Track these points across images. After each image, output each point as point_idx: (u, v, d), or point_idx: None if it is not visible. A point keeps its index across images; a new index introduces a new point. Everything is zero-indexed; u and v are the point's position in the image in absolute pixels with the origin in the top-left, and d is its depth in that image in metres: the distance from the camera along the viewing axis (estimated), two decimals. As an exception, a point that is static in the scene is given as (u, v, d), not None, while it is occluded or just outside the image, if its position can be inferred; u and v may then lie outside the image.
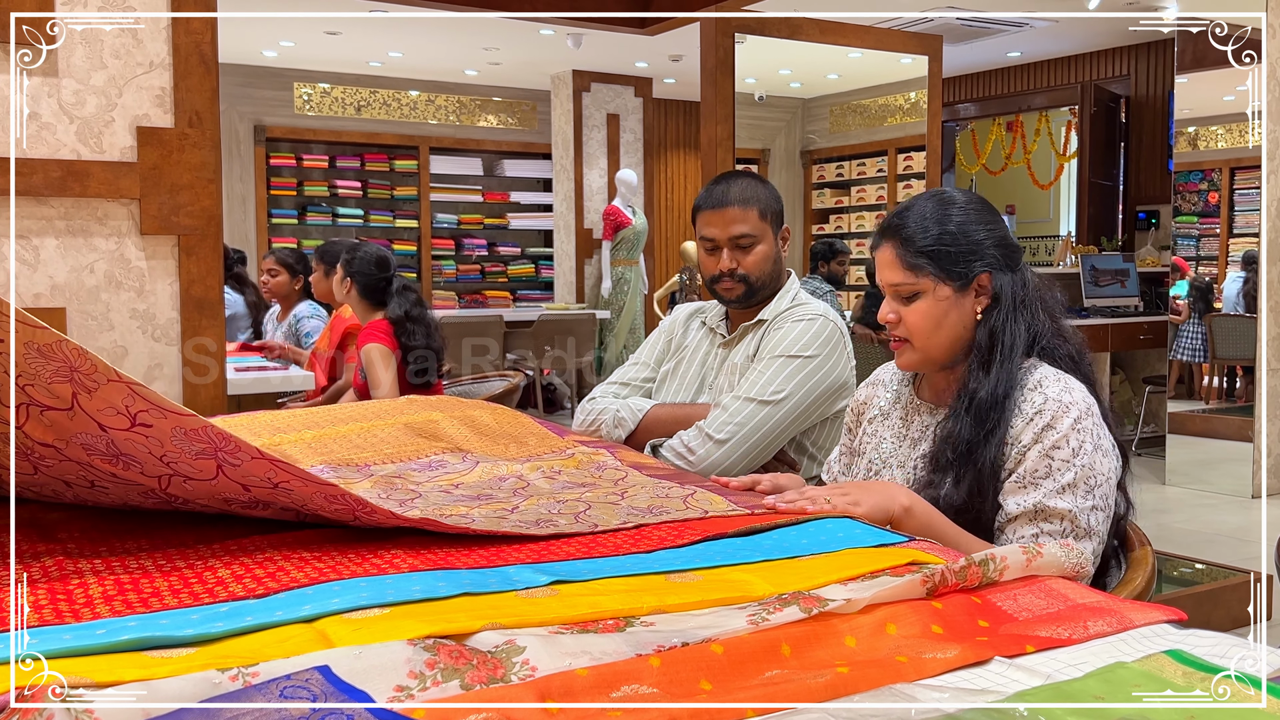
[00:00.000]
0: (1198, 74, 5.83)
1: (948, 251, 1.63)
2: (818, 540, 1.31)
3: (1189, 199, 7.06)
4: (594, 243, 9.29)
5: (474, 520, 1.38)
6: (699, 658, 0.93)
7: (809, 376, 2.14)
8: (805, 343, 2.16)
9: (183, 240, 2.91)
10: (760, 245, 2.23)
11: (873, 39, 5.18)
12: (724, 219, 2.22)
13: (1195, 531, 4.55)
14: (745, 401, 2.10)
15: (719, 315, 2.37)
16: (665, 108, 10.70)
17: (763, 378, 2.13)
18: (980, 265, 1.64)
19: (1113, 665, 0.95)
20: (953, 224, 1.64)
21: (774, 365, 2.14)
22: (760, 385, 2.12)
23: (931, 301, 1.64)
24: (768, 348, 2.19)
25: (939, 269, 1.63)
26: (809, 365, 2.14)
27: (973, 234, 1.64)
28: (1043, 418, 1.57)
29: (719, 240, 2.23)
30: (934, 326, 1.64)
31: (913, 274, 1.64)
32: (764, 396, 2.10)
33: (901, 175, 7.78)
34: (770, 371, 2.13)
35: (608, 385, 2.40)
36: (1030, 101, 9.55)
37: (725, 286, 2.24)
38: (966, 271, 1.63)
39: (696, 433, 2.10)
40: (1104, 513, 1.56)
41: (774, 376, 2.12)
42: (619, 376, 2.43)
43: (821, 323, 2.19)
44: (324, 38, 8.13)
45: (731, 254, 2.21)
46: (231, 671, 0.87)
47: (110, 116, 2.83)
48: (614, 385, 2.40)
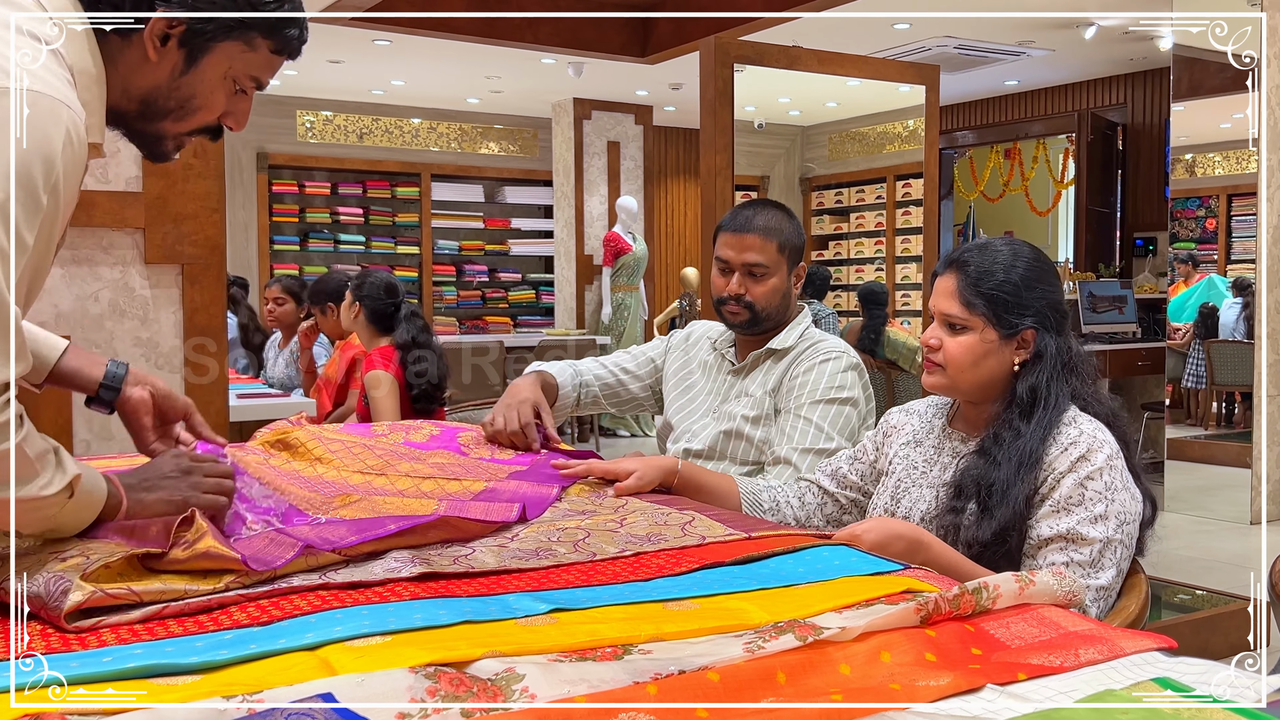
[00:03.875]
0: (1194, 101, 5.87)
1: (1004, 300, 1.69)
2: (814, 568, 1.32)
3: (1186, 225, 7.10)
4: (594, 269, 9.32)
5: (474, 550, 1.40)
6: (696, 685, 0.94)
7: (851, 417, 2.20)
8: (840, 384, 2.21)
9: (186, 269, 2.93)
10: (772, 278, 2.25)
11: (870, 69, 5.23)
12: (742, 244, 2.24)
13: (1194, 558, 4.56)
14: (805, 453, 2.15)
15: (728, 340, 2.39)
16: (665, 135, 10.77)
17: (811, 426, 2.17)
18: (1029, 321, 1.70)
19: (1102, 693, 0.97)
20: (1016, 275, 1.71)
21: (819, 411, 2.18)
22: (813, 435, 2.16)
23: (976, 340, 1.71)
24: (798, 390, 2.21)
25: (991, 313, 1.70)
26: (853, 409, 2.21)
27: (1030, 290, 1.71)
28: (1078, 448, 1.63)
29: (733, 263, 2.25)
30: (971, 363, 1.71)
31: (966, 310, 1.71)
32: (820, 446, 2.15)
33: (900, 202, 7.81)
34: (819, 418, 2.17)
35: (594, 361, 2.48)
36: (1028, 129, 9.61)
37: (731, 310, 2.27)
38: (1016, 323, 1.70)
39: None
40: (1127, 550, 1.63)
41: (825, 424, 2.17)
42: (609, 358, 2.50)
43: (846, 360, 2.24)
44: (327, 66, 8.19)
45: (742, 279, 2.24)
46: (236, 699, 0.88)
47: (116, 147, 2.86)
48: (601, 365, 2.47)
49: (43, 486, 1.20)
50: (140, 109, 1.37)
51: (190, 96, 1.38)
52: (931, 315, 1.79)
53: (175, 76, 1.35)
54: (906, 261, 7.77)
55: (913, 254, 7.64)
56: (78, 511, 1.28)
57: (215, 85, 1.38)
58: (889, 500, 1.83)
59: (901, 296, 7.67)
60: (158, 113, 1.38)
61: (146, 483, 1.38)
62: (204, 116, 1.41)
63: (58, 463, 1.23)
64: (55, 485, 1.21)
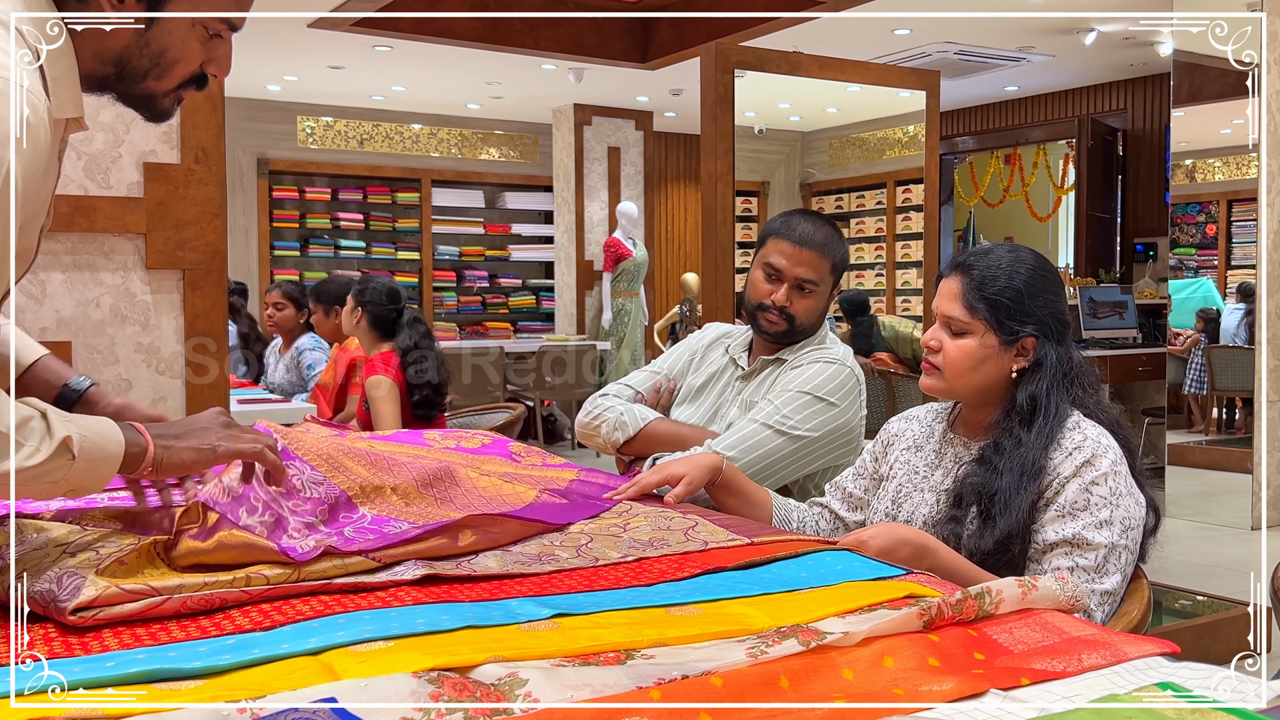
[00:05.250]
0: (1194, 107, 5.88)
1: (1007, 306, 1.70)
2: (816, 573, 1.33)
3: (1187, 231, 7.10)
4: (595, 274, 9.33)
5: (477, 555, 1.40)
6: (699, 690, 0.94)
7: (826, 421, 2.15)
8: (827, 386, 2.17)
9: (188, 275, 2.94)
10: (819, 295, 2.24)
11: (871, 74, 5.24)
12: (799, 257, 2.21)
13: (1195, 564, 4.55)
14: (759, 425, 2.12)
15: (742, 345, 2.37)
16: (666, 141, 10.78)
17: (779, 408, 2.14)
18: (1030, 329, 1.71)
19: (1105, 698, 0.97)
20: (1020, 282, 1.71)
21: (792, 398, 2.15)
22: (777, 415, 2.13)
23: (977, 344, 1.71)
24: (786, 380, 2.20)
25: (993, 318, 1.70)
26: (829, 411, 2.16)
27: (1034, 299, 1.71)
28: (1082, 453, 1.64)
29: (785, 274, 2.22)
30: (970, 367, 1.72)
31: (969, 314, 1.71)
32: (778, 425, 2.12)
33: (900, 208, 7.82)
34: (786, 403, 2.14)
35: (620, 384, 2.41)
36: (1028, 135, 9.62)
37: (770, 318, 2.24)
38: (1017, 330, 1.70)
39: (705, 449, 2.11)
40: (1131, 555, 1.63)
41: (794, 410, 2.14)
42: (633, 379, 2.43)
43: (840, 368, 2.20)
44: (327, 72, 8.20)
45: (790, 291, 2.22)
46: (240, 703, 0.88)
47: (118, 153, 2.87)
48: (626, 387, 2.40)
49: (30, 455, 1.16)
50: (117, 70, 1.35)
51: (163, 50, 1.35)
52: (933, 319, 1.79)
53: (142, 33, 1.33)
54: (907, 267, 7.78)
55: (913, 259, 7.65)
56: (92, 469, 1.22)
57: (186, 34, 1.35)
58: (890, 505, 1.83)
59: (901, 302, 7.67)
60: (136, 73, 1.36)
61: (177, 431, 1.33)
62: (184, 68, 1.38)
63: (46, 428, 1.18)
64: (44, 451, 1.17)
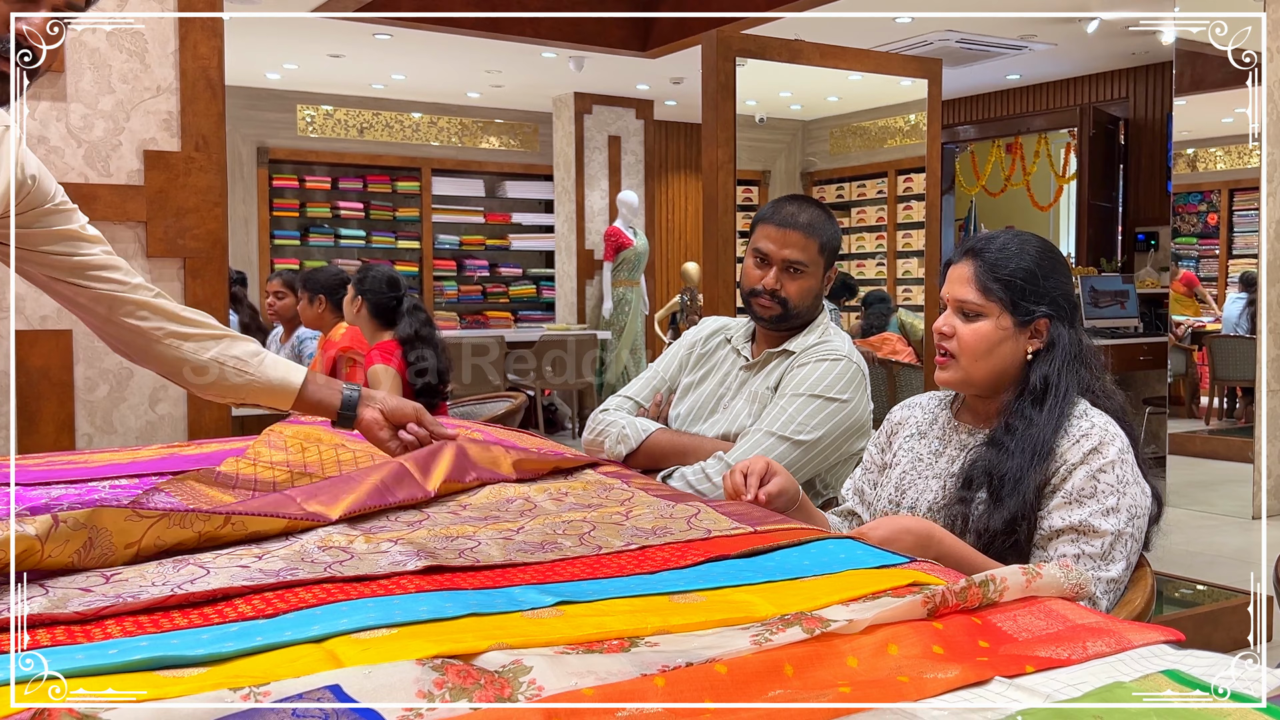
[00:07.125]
0: (1196, 96, 5.87)
1: (1021, 286, 1.70)
2: (820, 561, 1.32)
3: (1188, 220, 7.10)
4: (595, 264, 9.32)
5: (479, 543, 1.39)
6: (703, 677, 0.94)
7: (836, 419, 2.16)
8: (833, 384, 2.17)
9: (188, 263, 2.93)
10: (810, 277, 2.24)
11: (872, 62, 5.22)
12: (785, 239, 2.21)
13: (1196, 553, 4.56)
14: (771, 437, 2.11)
15: (745, 335, 2.37)
16: (666, 130, 10.76)
17: (791, 416, 2.13)
18: (1044, 310, 1.71)
19: (1111, 685, 0.97)
20: (1032, 263, 1.71)
21: (800, 404, 2.14)
22: (786, 422, 2.13)
23: (992, 327, 1.71)
24: (793, 382, 2.19)
25: (1008, 299, 1.70)
26: (840, 410, 2.16)
27: (1046, 279, 1.72)
28: (1089, 440, 1.64)
29: (773, 257, 2.22)
30: (985, 351, 1.71)
31: (983, 296, 1.71)
32: (791, 434, 2.12)
33: (901, 197, 7.82)
34: (797, 410, 2.14)
35: (620, 398, 2.40)
36: (1029, 124, 9.60)
37: (762, 303, 2.24)
38: (1032, 310, 1.70)
39: (718, 463, 2.10)
40: (1136, 543, 1.63)
41: (803, 416, 2.13)
42: (631, 389, 2.43)
43: (846, 364, 2.20)
44: (327, 60, 8.18)
45: (779, 275, 2.22)
46: (243, 691, 0.88)
47: (118, 140, 2.86)
48: (626, 399, 2.40)
49: None
50: None
51: None
52: (939, 308, 1.79)
53: None
54: (908, 256, 7.77)
55: (914, 249, 7.64)
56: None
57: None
58: (893, 491, 1.83)
59: (903, 291, 7.67)
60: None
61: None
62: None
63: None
64: None
